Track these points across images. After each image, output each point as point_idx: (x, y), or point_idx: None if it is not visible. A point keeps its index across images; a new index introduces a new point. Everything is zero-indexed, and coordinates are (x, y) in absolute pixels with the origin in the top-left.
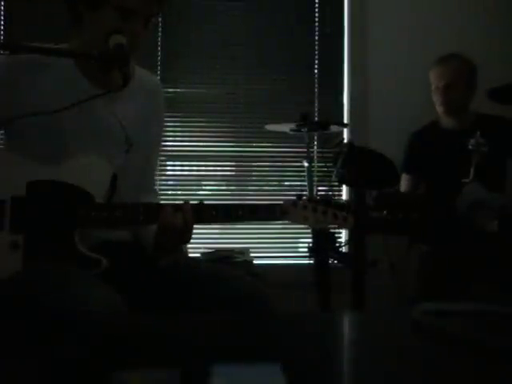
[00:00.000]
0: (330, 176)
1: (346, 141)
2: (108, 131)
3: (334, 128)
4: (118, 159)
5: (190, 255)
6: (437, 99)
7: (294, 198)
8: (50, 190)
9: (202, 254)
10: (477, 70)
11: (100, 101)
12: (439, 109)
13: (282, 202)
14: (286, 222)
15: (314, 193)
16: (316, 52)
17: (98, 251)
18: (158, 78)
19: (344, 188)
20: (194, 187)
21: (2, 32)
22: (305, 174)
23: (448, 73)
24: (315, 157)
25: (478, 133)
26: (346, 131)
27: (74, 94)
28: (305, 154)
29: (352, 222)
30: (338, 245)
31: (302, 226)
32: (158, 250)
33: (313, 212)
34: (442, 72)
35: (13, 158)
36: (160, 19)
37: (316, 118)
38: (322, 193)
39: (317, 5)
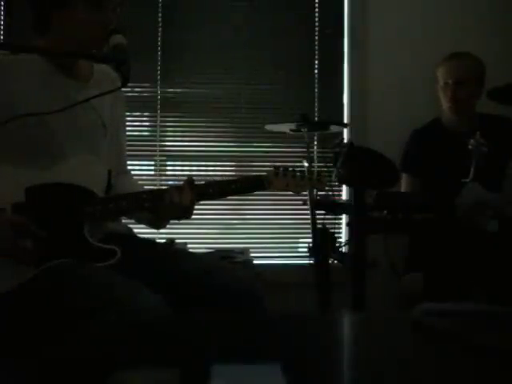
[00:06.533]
0: (330, 176)
1: (345, 141)
2: (89, 120)
3: (334, 128)
4: (101, 147)
5: None
6: (445, 95)
7: (272, 168)
8: (50, 192)
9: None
10: (486, 69)
11: (74, 91)
12: (446, 105)
13: (265, 173)
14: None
15: (314, 193)
16: (316, 52)
17: (106, 243)
18: (158, 78)
19: (344, 188)
20: None
21: (1, 32)
22: None
23: (459, 69)
24: (315, 157)
25: (478, 133)
26: (345, 131)
27: (51, 88)
28: (305, 154)
29: (325, 180)
30: (337, 245)
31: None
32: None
33: (292, 178)
34: (452, 68)
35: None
36: (160, 19)
37: (316, 118)
38: (322, 193)
39: (317, 5)
